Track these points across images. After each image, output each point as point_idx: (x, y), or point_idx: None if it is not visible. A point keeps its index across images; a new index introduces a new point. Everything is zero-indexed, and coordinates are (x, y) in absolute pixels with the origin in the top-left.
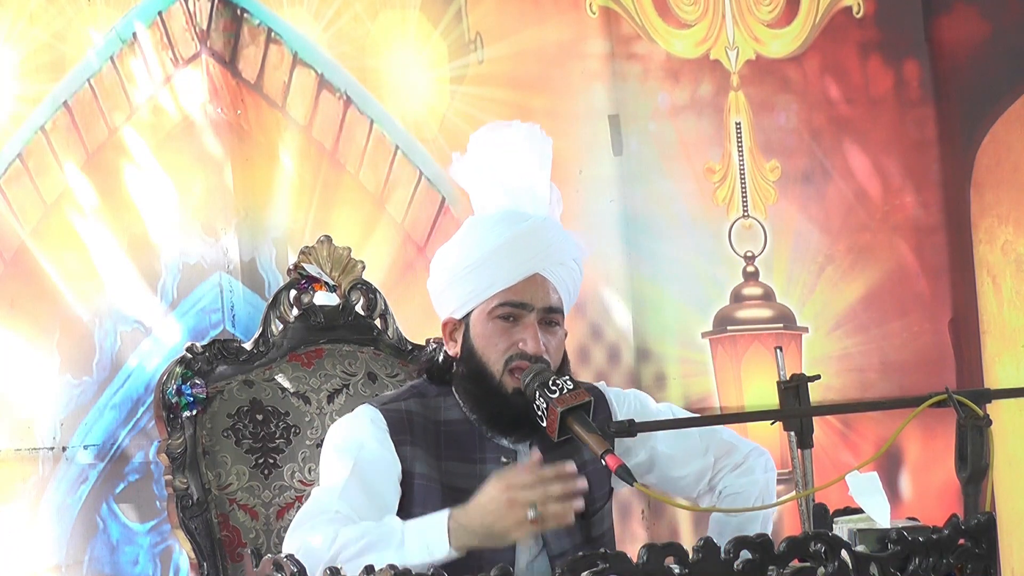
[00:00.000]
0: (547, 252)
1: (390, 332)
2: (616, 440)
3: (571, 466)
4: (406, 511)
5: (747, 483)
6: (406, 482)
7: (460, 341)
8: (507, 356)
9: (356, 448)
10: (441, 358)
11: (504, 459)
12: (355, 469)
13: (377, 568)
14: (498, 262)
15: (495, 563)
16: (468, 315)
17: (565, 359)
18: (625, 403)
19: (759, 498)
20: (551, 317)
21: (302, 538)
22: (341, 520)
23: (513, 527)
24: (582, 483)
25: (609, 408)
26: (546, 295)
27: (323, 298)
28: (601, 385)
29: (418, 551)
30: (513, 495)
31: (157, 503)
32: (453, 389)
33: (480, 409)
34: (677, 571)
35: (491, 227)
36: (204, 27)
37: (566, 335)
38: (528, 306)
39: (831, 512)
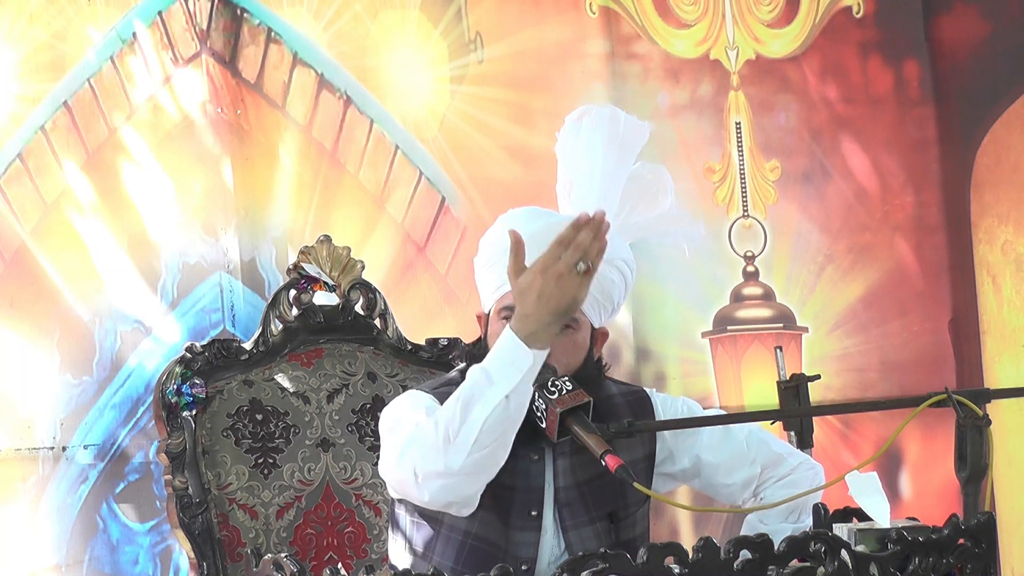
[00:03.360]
0: None
1: (390, 332)
2: (659, 447)
3: (583, 214)
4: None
5: (788, 496)
6: None
7: (483, 333)
8: None
9: (426, 401)
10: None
11: (534, 456)
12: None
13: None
14: (506, 263)
15: (520, 560)
16: (489, 311)
17: (594, 361)
18: (672, 409)
19: (793, 511)
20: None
21: (411, 443)
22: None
23: (574, 292)
24: (599, 215)
25: (654, 412)
26: None
27: (323, 298)
28: (651, 391)
29: (507, 377)
30: (554, 271)
31: (157, 503)
32: None
33: None
34: (677, 571)
35: (507, 226)
36: (204, 27)
37: (606, 336)
38: None
39: (831, 513)
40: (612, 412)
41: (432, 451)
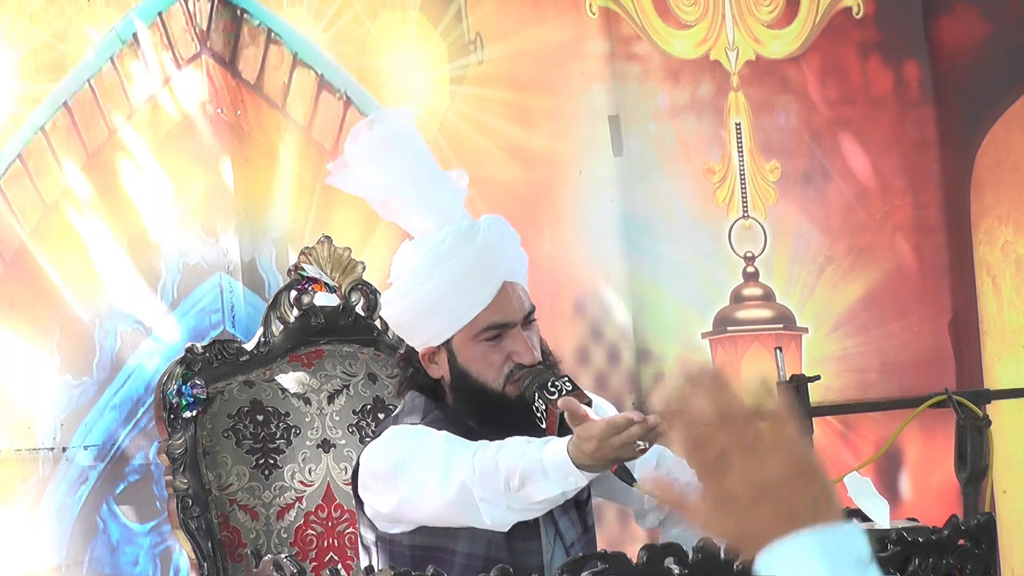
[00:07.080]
0: (505, 255)
1: (390, 333)
2: None
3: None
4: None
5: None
6: None
7: (446, 366)
8: (506, 371)
9: (428, 430)
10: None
11: None
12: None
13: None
14: (470, 285)
15: (529, 569)
16: (449, 340)
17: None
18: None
19: None
20: (529, 319)
21: (463, 468)
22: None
23: (631, 455)
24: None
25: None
26: (520, 303)
27: (323, 299)
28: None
29: (557, 482)
30: (617, 439)
31: (157, 503)
32: (453, 410)
33: (488, 425)
34: (677, 571)
35: (448, 252)
36: (204, 27)
37: None
38: (511, 324)
39: None
40: None
41: (490, 478)
